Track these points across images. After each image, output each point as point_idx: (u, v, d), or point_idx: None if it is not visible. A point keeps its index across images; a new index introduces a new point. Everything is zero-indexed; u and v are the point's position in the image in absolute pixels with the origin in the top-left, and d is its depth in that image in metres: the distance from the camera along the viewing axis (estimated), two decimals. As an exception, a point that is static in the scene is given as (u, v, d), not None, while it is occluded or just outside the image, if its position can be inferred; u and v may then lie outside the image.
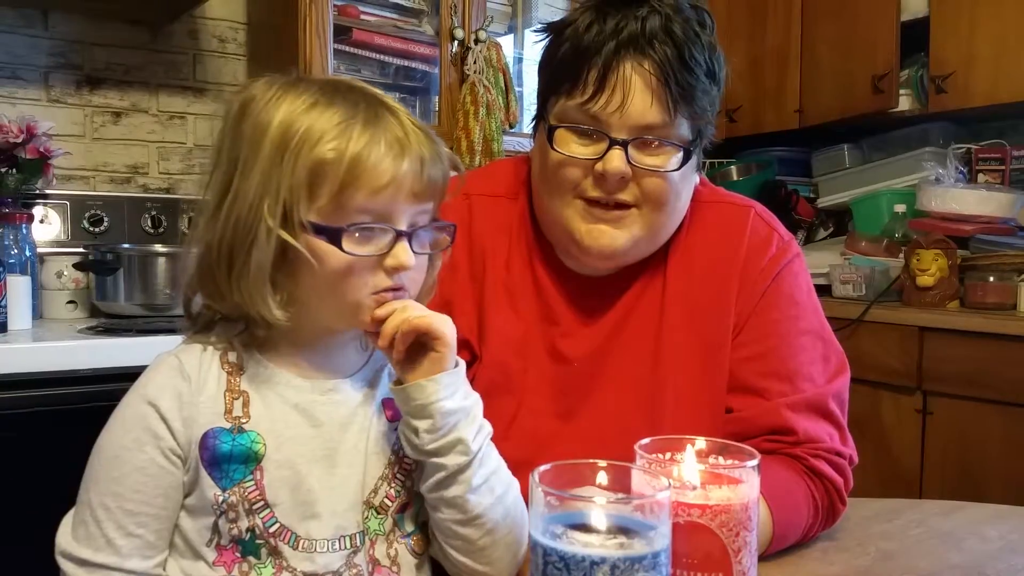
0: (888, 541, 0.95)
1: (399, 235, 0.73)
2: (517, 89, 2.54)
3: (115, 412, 0.76)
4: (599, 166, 0.89)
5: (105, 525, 0.72)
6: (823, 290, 2.55)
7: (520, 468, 0.74)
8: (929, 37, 2.51)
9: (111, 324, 1.85)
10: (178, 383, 0.74)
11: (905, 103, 2.63)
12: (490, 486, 0.76)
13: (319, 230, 0.71)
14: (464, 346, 0.98)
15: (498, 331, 0.98)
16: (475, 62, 2.37)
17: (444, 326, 0.74)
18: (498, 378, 0.97)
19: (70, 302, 2.05)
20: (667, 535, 0.51)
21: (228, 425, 0.74)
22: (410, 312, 0.74)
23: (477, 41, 2.40)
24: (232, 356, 0.77)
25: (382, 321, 0.74)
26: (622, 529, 0.52)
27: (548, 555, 0.50)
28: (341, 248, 0.71)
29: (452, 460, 0.74)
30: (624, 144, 0.88)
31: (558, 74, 0.92)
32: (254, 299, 0.73)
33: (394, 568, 0.78)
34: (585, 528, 0.51)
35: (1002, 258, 2.28)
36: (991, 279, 2.25)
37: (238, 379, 0.76)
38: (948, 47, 2.47)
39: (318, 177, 0.70)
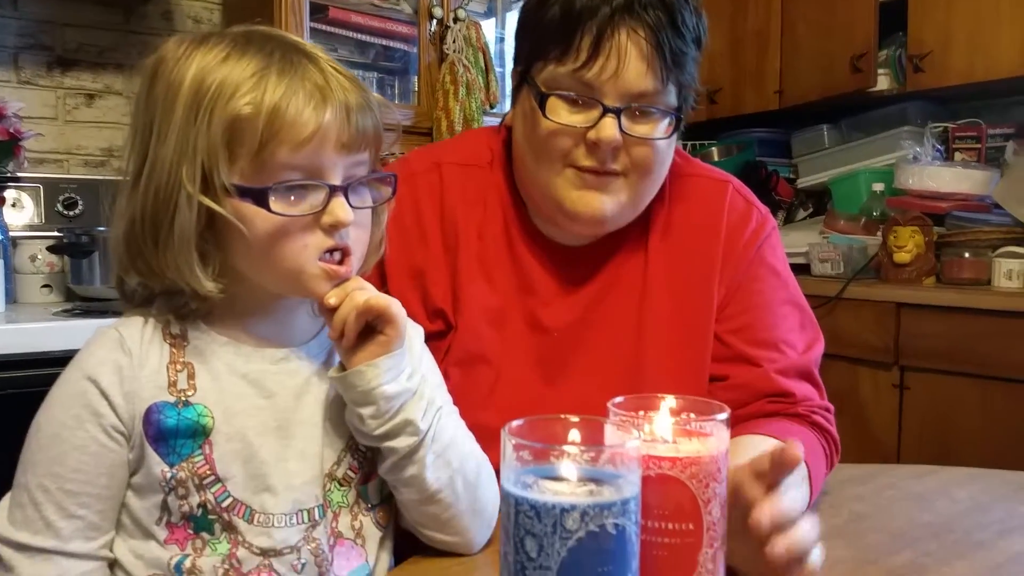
0: (861, 503, 0.97)
1: (333, 190, 0.69)
2: (497, 69, 2.53)
3: (53, 389, 0.72)
4: (592, 134, 0.88)
5: (44, 507, 0.69)
6: (802, 268, 2.57)
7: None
8: (907, 17, 2.52)
9: (87, 307, 1.84)
10: (118, 357, 0.71)
11: (884, 82, 2.65)
12: (445, 460, 0.74)
13: (243, 192, 0.67)
14: (438, 316, 0.98)
15: (472, 301, 0.98)
16: (454, 41, 2.36)
17: (399, 309, 0.72)
18: (473, 348, 0.97)
19: (45, 286, 2.03)
20: (636, 483, 0.52)
21: (172, 399, 0.71)
22: (360, 298, 0.70)
23: (456, 20, 2.39)
24: (175, 328, 0.74)
25: (334, 308, 0.71)
26: (593, 479, 0.52)
27: (519, 504, 0.50)
28: (269, 209, 0.67)
29: (402, 442, 0.72)
30: (617, 112, 0.87)
31: (546, 38, 0.90)
32: (183, 271, 0.69)
33: (358, 540, 0.76)
34: (556, 479, 0.52)
35: (977, 234, 2.30)
36: (966, 255, 2.27)
37: (182, 351, 0.73)
38: (925, 27, 2.49)
39: (235, 135, 0.66)
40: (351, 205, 0.70)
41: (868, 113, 2.82)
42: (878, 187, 2.63)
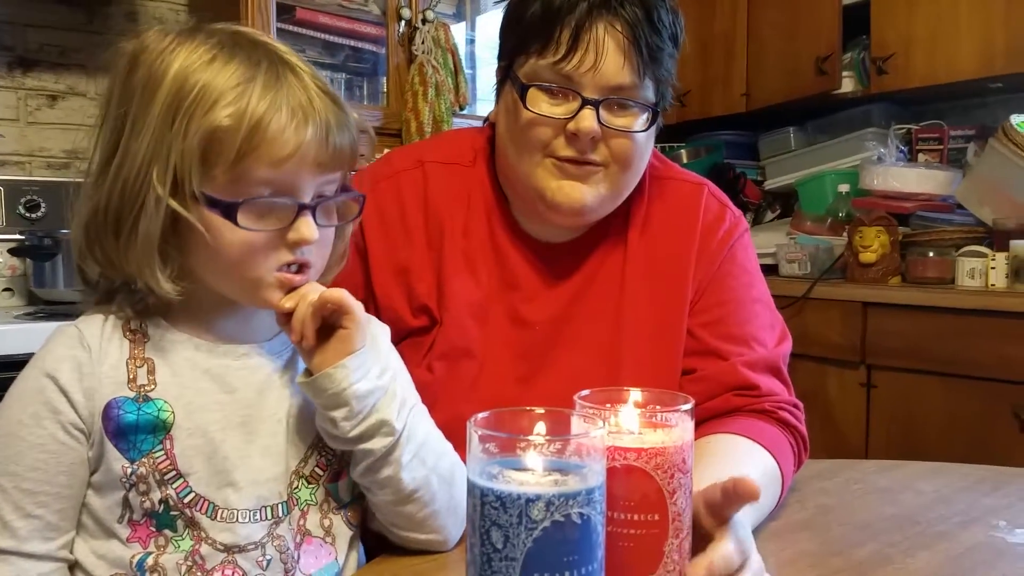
0: (827, 496, 0.98)
1: (302, 208, 0.68)
2: (468, 71, 2.53)
3: (12, 387, 0.71)
4: (571, 125, 0.90)
5: (1, 507, 0.68)
6: (770, 269, 2.59)
7: None
8: (870, 20, 2.56)
9: (50, 310, 1.80)
10: (77, 353, 0.70)
11: (848, 85, 2.69)
12: (421, 459, 0.74)
13: (212, 203, 0.66)
14: (423, 311, 0.98)
15: (457, 296, 0.98)
16: (423, 42, 2.36)
17: (353, 299, 0.71)
18: (458, 342, 0.97)
19: (6, 289, 2.00)
20: (601, 473, 0.52)
21: (132, 394, 0.70)
22: (313, 295, 0.70)
23: (425, 21, 2.38)
24: (136, 324, 0.73)
25: (291, 312, 0.70)
26: (558, 470, 0.52)
27: (484, 495, 0.50)
28: (237, 223, 0.66)
29: (378, 443, 0.71)
30: (596, 104, 0.89)
31: (528, 33, 0.92)
32: (142, 270, 0.68)
33: (328, 539, 0.76)
34: (522, 470, 0.52)
35: (941, 234, 2.34)
36: (931, 254, 2.31)
37: (142, 347, 0.72)
38: (888, 30, 2.53)
39: (212, 146, 0.65)
40: (318, 223, 0.70)
41: (833, 115, 2.86)
42: (844, 188, 2.67)
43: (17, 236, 2.02)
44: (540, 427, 0.57)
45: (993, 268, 2.16)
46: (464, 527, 0.78)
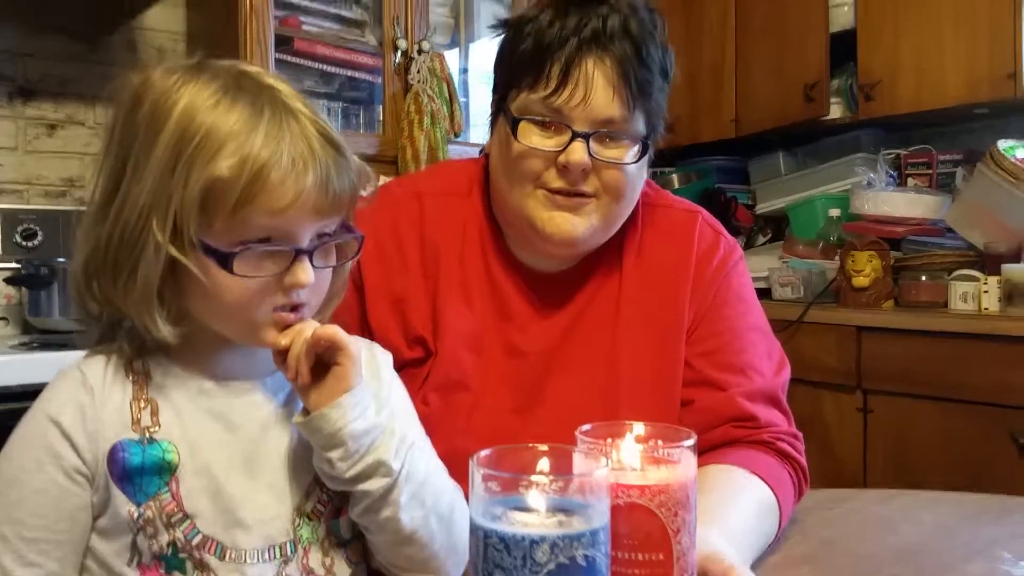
0: (828, 528, 0.98)
1: (299, 253, 0.68)
2: (462, 99, 2.55)
3: (14, 431, 0.70)
4: (562, 158, 0.91)
5: (2, 556, 0.67)
6: (763, 293, 2.60)
7: None
8: (857, 47, 2.60)
9: (44, 340, 1.80)
10: (80, 396, 0.70)
11: (836, 111, 2.72)
12: (420, 499, 0.73)
13: (209, 251, 0.66)
14: (418, 342, 0.99)
15: (451, 327, 0.98)
16: (419, 72, 2.37)
17: (347, 337, 0.71)
18: (453, 373, 0.98)
19: (1, 319, 1.99)
20: (606, 513, 0.52)
21: (136, 436, 0.70)
22: (308, 331, 0.70)
23: (420, 51, 2.41)
24: (138, 364, 0.73)
25: (287, 350, 0.70)
26: (562, 509, 0.52)
27: (488, 537, 0.50)
28: (232, 271, 0.67)
29: (375, 484, 0.70)
30: (586, 137, 0.91)
31: (519, 68, 0.94)
32: (140, 314, 0.68)
33: None
34: (525, 510, 0.52)
35: (932, 258, 2.36)
36: (923, 278, 2.33)
37: (145, 387, 0.72)
38: (875, 57, 2.57)
39: (212, 195, 0.65)
40: (315, 265, 0.70)
41: (822, 141, 2.90)
42: (834, 212, 2.69)
43: (13, 265, 2.02)
44: (543, 464, 0.57)
45: (986, 292, 2.17)
46: (465, 565, 0.78)
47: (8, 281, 1.95)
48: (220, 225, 0.66)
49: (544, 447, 0.57)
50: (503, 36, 0.99)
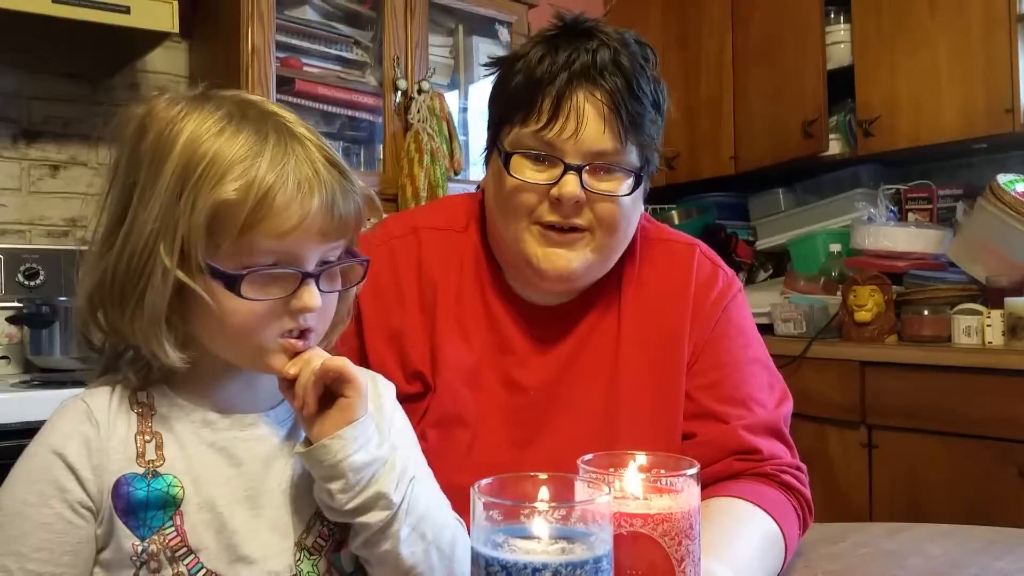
0: (834, 562, 0.96)
1: (305, 276, 0.69)
2: (461, 138, 2.57)
3: (17, 464, 0.70)
4: (554, 191, 0.91)
5: None
6: (765, 328, 2.60)
7: None
8: (854, 84, 2.63)
9: (46, 378, 1.79)
10: (86, 429, 0.69)
11: (835, 147, 2.74)
12: (420, 533, 0.73)
13: (216, 274, 0.67)
14: (416, 377, 0.98)
15: (450, 362, 0.98)
16: (418, 111, 2.40)
17: (356, 369, 0.71)
18: (451, 409, 0.97)
19: (2, 357, 1.99)
20: (608, 541, 0.51)
21: (141, 470, 0.69)
22: (317, 362, 0.70)
23: (420, 91, 2.44)
24: (143, 396, 0.73)
25: (294, 379, 0.70)
26: (564, 537, 0.51)
27: (490, 565, 0.50)
28: (239, 294, 0.67)
29: (374, 517, 0.70)
30: (579, 169, 0.91)
31: (511, 104, 0.94)
32: (148, 340, 0.68)
33: None
34: (527, 538, 0.51)
35: (935, 292, 2.36)
36: (926, 312, 2.32)
37: (150, 420, 0.72)
38: (872, 93, 2.59)
39: (218, 220, 0.66)
40: (321, 289, 0.70)
41: (821, 176, 2.91)
42: (835, 248, 2.70)
43: (15, 304, 2.02)
44: (544, 493, 0.56)
45: (989, 326, 2.16)
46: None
47: (10, 320, 1.95)
48: (227, 248, 0.67)
49: (545, 475, 0.56)
50: (496, 74, 1.00)
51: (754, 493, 0.91)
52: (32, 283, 2.12)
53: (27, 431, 1.49)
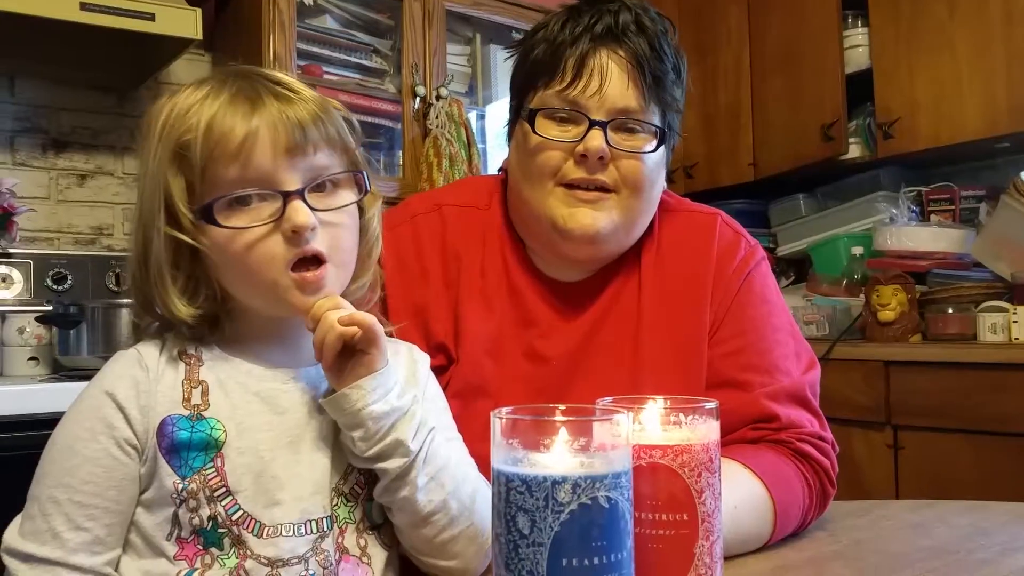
0: (859, 532, 0.95)
1: (287, 196, 0.70)
2: (480, 145, 2.60)
3: (72, 404, 0.74)
4: (580, 147, 0.92)
5: (53, 518, 0.69)
6: (788, 331, 2.57)
7: None
8: (873, 87, 2.62)
9: (74, 376, 1.82)
10: (136, 372, 0.73)
11: (855, 150, 2.72)
12: (439, 483, 0.74)
13: (195, 214, 0.70)
14: (440, 350, 0.99)
15: (472, 333, 0.99)
16: (437, 117, 2.43)
17: (375, 324, 0.72)
18: (473, 379, 0.98)
19: (32, 358, 2.02)
20: (627, 458, 0.51)
21: (186, 412, 0.72)
22: (334, 317, 0.71)
23: (439, 98, 2.47)
24: (192, 349, 0.76)
25: (316, 320, 0.72)
26: (583, 454, 0.51)
27: (509, 481, 0.50)
28: (217, 223, 0.69)
29: (393, 463, 0.72)
30: (603, 125, 0.92)
31: (535, 69, 0.96)
32: (163, 298, 0.72)
33: (364, 558, 0.75)
34: (546, 454, 0.51)
35: (959, 290, 2.34)
36: (950, 311, 2.30)
37: (197, 369, 0.75)
38: (891, 95, 2.58)
39: (183, 161, 0.70)
40: (314, 207, 0.71)
41: (842, 180, 2.89)
42: (857, 251, 2.68)
43: (44, 307, 2.06)
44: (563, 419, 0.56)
45: (1015, 322, 2.14)
46: (487, 557, 0.78)
47: (39, 320, 1.99)
48: (200, 190, 0.70)
49: (563, 406, 0.57)
50: (517, 45, 1.01)
51: (748, 456, 0.89)
52: (60, 287, 2.16)
53: (56, 422, 1.53)
